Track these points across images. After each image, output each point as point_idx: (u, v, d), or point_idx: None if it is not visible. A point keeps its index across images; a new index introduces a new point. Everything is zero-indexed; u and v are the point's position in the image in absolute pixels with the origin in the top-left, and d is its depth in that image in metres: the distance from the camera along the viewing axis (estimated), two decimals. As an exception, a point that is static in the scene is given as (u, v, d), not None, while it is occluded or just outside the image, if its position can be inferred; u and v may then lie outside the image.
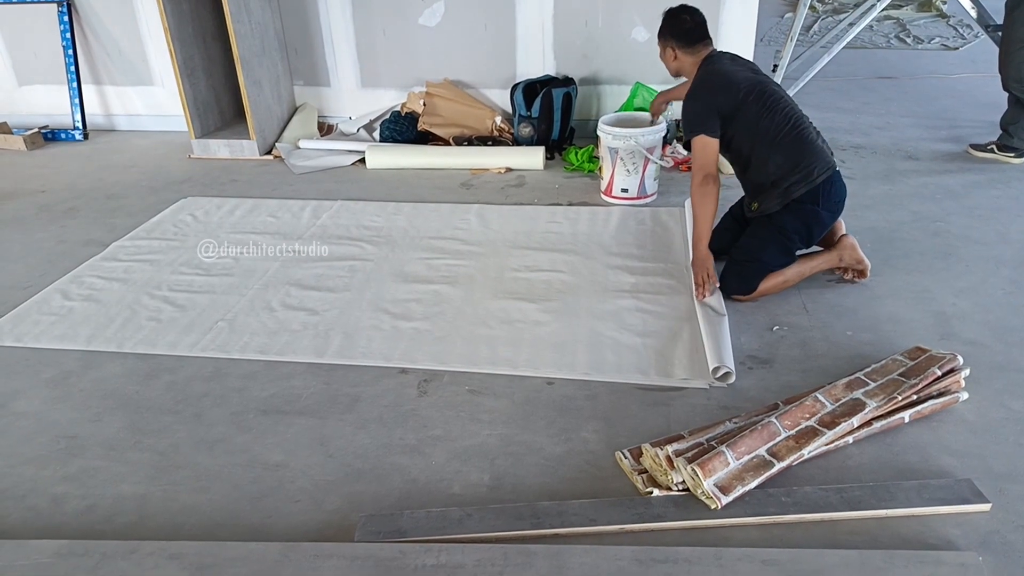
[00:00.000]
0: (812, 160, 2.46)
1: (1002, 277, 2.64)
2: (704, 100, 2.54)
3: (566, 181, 3.78)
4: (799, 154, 2.46)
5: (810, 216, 2.50)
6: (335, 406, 2.13)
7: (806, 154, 2.46)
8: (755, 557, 1.54)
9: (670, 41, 2.67)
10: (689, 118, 2.57)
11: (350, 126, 4.51)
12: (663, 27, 2.68)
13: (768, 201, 2.52)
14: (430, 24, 4.30)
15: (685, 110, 2.58)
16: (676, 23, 2.66)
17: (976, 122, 4.31)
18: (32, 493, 1.86)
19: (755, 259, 2.51)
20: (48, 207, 3.71)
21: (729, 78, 2.54)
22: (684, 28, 2.64)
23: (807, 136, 2.49)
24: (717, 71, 2.57)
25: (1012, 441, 1.88)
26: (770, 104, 2.49)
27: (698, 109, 2.54)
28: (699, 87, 2.59)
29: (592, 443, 1.94)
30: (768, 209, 2.53)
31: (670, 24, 2.67)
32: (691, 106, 2.57)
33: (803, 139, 2.48)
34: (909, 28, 7.04)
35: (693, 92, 2.59)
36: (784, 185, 2.47)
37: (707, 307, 2.42)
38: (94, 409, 2.17)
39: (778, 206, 2.50)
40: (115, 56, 4.70)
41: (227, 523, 1.75)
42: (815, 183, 2.45)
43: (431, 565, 1.54)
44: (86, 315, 2.66)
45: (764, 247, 2.51)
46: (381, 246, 3.09)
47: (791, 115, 2.50)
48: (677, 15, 2.68)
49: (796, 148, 2.47)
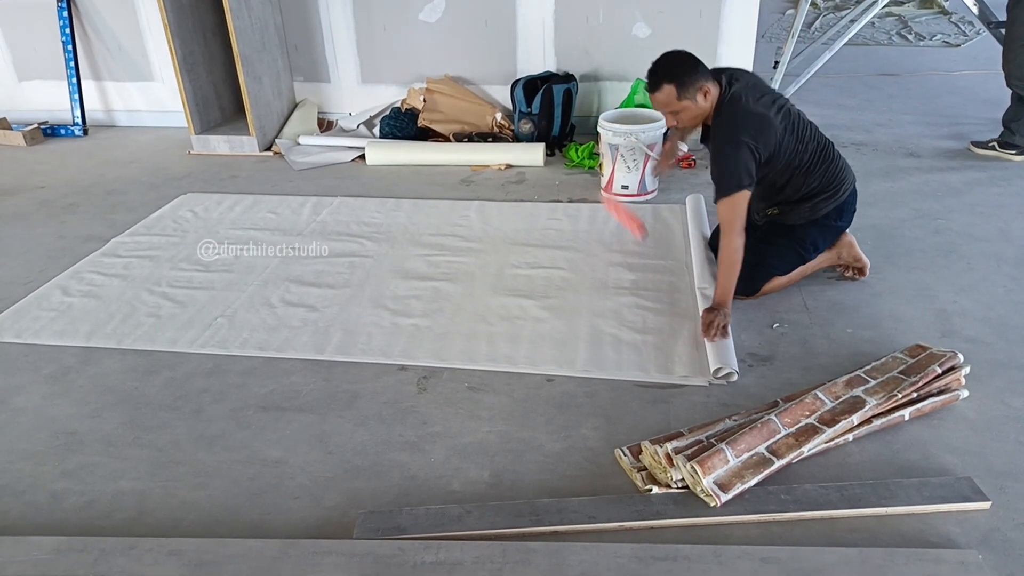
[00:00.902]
0: (842, 179, 2.43)
1: (1003, 274, 2.64)
2: (747, 146, 2.21)
3: (566, 178, 3.78)
4: (831, 175, 2.41)
5: (831, 230, 2.51)
6: (334, 403, 2.13)
7: (836, 174, 2.42)
8: (755, 555, 1.54)
9: (699, 81, 2.24)
10: (731, 169, 2.22)
11: (350, 122, 4.50)
12: (683, 71, 2.24)
13: (791, 214, 2.47)
14: (430, 20, 4.29)
15: (724, 160, 2.24)
16: (689, 59, 2.27)
17: (978, 119, 4.30)
18: (31, 489, 1.86)
19: (766, 264, 2.47)
20: (48, 203, 3.70)
21: (765, 116, 2.25)
22: (692, 60, 2.28)
23: (835, 155, 2.44)
24: (750, 111, 2.25)
25: (1012, 439, 1.87)
26: (800, 132, 2.34)
27: (742, 158, 2.21)
28: (737, 131, 2.24)
29: (592, 440, 1.94)
30: (789, 220, 2.48)
31: (689, 63, 2.26)
32: (732, 155, 2.22)
33: (832, 159, 2.42)
34: (911, 25, 7.02)
35: (730, 137, 2.24)
36: (813, 201, 2.41)
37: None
38: (93, 405, 2.16)
39: (803, 220, 2.46)
40: (115, 52, 4.69)
41: (226, 519, 1.75)
42: (841, 200, 2.44)
43: (430, 562, 1.54)
44: (86, 311, 2.65)
45: (780, 254, 2.48)
46: (381, 243, 3.09)
47: (816, 135, 2.39)
48: (670, 56, 2.29)
49: (828, 169, 2.40)
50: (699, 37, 4.08)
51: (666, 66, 2.26)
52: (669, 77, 2.24)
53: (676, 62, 2.27)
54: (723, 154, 2.26)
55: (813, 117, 2.53)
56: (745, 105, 2.25)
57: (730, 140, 2.24)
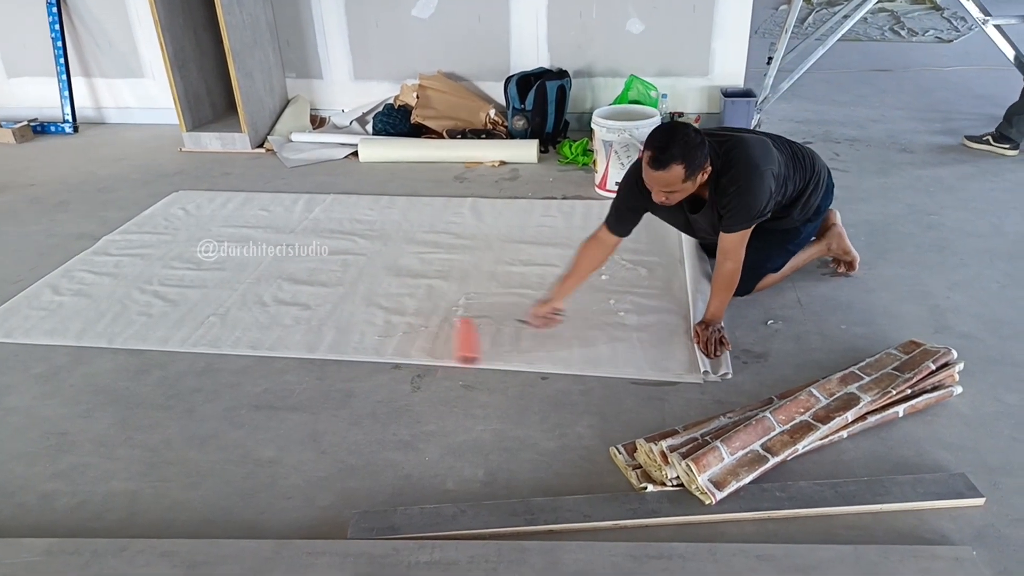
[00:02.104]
0: (814, 166, 2.39)
1: (996, 270, 2.64)
2: (770, 173, 2.15)
3: (560, 174, 3.77)
4: (805, 168, 2.35)
5: (819, 216, 2.49)
6: (328, 402, 2.12)
7: (808, 164, 2.37)
8: (750, 552, 1.54)
9: (705, 161, 2.08)
10: (754, 203, 2.13)
11: (343, 119, 4.49)
12: (689, 155, 2.02)
13: (785, 219, 2.40)
14: (423, 16, 4.27)
15: (749, 195, 2.12)
16: (698, 136, 2.08)
17: (970, 114, 4.30)
18: (22, 490, 1.85)
19: (759, 266, 2.45)
20: (38, 201, 3.67)
21: (763, 141, 2.22)
22: (700, 137, 2.08)
23: (801, 150, 2.40)
24: (743, 140, 2.19)
25: (1006, 435, 1.88)
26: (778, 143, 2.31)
27: (767, 187, 2.14)
28: (756, 163, 2.14)
29: (586, 438, 1.93)
30: (783, 225, 2.43)
31: (699, 142, 2.06)
32: (759, 186, 2.13)
33: (803, 156, 2.38)
34: (903, 20, 7.04)
35: (751, 171, 2.13)
36: (802, 200, 2.36)
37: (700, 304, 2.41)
38: (84, 405, 2.15)
39: (798, 223, 2.43)
40: (105, 48, 4.66)
41: (219, 520, 1.73)
42: (824, 186, 2.42)
43: (424, 562, 1.54)
44: (76, 310, 2.63)
45: (772, 255, 2.48)
46: (374, 240, 3.07)
47: (782, 142, 2.36)
48: (684, 133, 2.06)
49: (803, 165, 2.35)
50: (692, 33, 4.08)
51: (680, 145, 2.02)
52: (682, 157, 2.01)
53: (689, 142, 2.03)
54: (748, 190, 2.12)
55: (806, 113, 2.53)
56: (735, 145, 2.17)
57: (754, 173, 2.13)
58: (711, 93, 4.20)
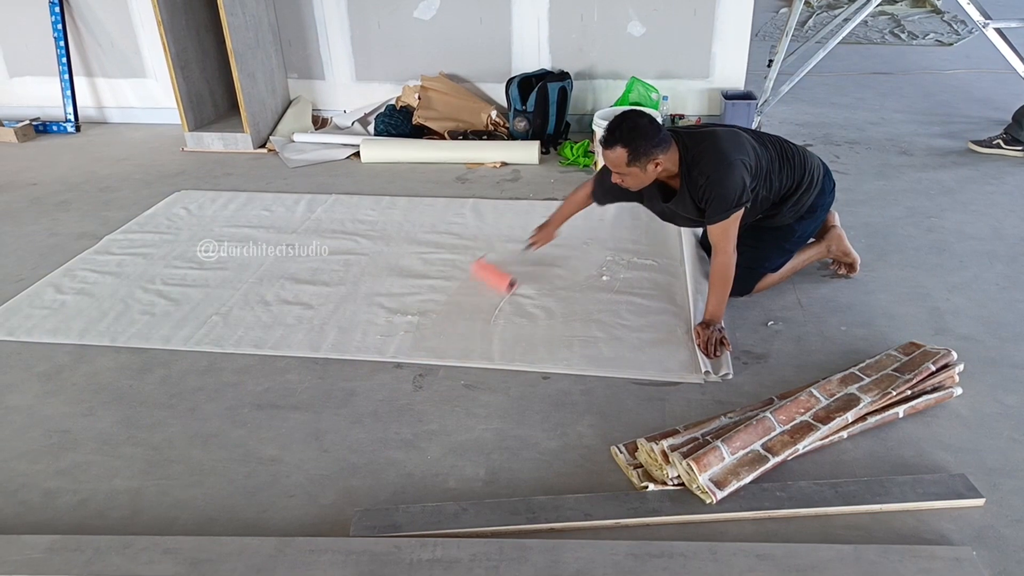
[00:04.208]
0: (809, 165, 2.39)
1: (996, 272, 2.65)
2: (740, 163, 2.18)
3: (561, 176, 3.77)
4: (797, 167, 2.36)
5: (817, 215, 2.49)
6: (330, 401, 2.12)
7: (802, 163, 2.37)
8: (750, 551, 1.54)
9: (653, 153, 2.15)
10: (728, 193, 2.15)
11: (344, 120, 4.49)
12: (633, 141, 2.12)
13: (777, 217, 2.42)
14: (425, 17, 4.28)
15: (720, 186, 2.16)
16: (651, 128, 2.15)
17: (970, 117, 4.31)
18: (24, 488, 1.85)
19: (757, 266, 2.46)
20: (40, 200, 3.68)
21: (736, 133, 2.26)
22: (653, 128, 2.16)
23: (794, 148, 2.40)
24: (715, 133, 2.25)
25: (1006, 436, 1.88)
26: (759, 138, 2.34)
27: (738, 176, 2.16)
28: (725, 154, 2.18)
29: (587, 438, 1.94)
30: (777, 223, 2.44)
31: (649, 132, 2.14)
32: (729, 176, 2.15)
33: (793, 153, 2.38)
34: (904, 23, 7.05)
35: (720, 162, 2.17)
36: (794, 199, 2.37)
37: (700, 303, 2.42)
38: (87, 403, 2.15)
39: (791, 220, 2.44)
40: (107, 48, 4.66)
41: (221, 518, 1.74)
42: (818, 187, 2.41)
43: (426, 560, 1.54)
44: (79, 309, 2.64)
45: (770, 255, 2.49)
46: (376, 240, 3.08)
47: (770, 138, 2.37)
48: (634, 120, 2.16)
49: (793, 164, 2.35)
50: (693, 36, 4.10)
51: (626, 129, 2.14)
52: (624, 141, 2.13)
53: (637, 128, 2.14)
54: (718, 181, 2.16)
55: (807, 115, 2.55)
56: (705, 136, 2.24)
57: (721, 164, 2.17)
58: (712, 95, 4.22)
